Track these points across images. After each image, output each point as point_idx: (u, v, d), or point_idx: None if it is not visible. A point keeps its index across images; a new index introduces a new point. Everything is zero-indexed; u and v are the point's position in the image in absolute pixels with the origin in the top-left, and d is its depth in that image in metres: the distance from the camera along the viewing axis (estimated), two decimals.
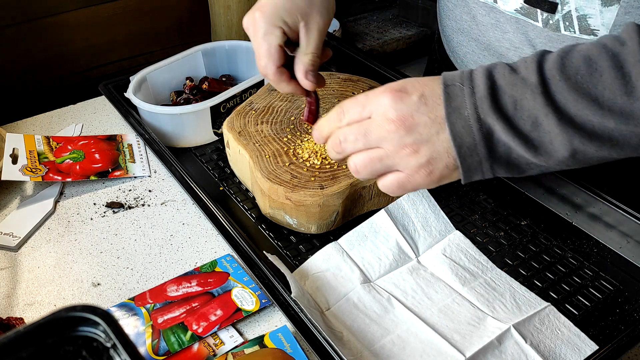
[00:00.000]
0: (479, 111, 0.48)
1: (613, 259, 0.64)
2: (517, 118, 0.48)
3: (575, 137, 0.47)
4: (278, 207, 0.65)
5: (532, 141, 0.48)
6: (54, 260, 0.65)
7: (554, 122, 0.47)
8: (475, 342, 0.53)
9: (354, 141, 0.52)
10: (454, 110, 0.49)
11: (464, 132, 0.49)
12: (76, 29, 1.20)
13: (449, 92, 0.49)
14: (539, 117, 0.47)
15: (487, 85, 0.49)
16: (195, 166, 0.78)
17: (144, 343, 0.55)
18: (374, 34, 1.73)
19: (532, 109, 0.47)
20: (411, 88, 0.51)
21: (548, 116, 0.47)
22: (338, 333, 0.55)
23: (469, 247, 0.63)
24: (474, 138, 0.49)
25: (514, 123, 0.48)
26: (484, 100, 0.48)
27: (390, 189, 0.53)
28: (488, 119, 0.48)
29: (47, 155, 0.77)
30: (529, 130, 0.48)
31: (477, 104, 0.49)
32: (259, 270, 0.58)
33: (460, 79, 0.50)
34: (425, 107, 0.50)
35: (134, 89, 0.81)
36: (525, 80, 0.48)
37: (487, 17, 0.71)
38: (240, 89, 0.81)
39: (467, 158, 0.49)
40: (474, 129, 0.49)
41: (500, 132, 0.48)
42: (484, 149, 0.49)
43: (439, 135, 0.49)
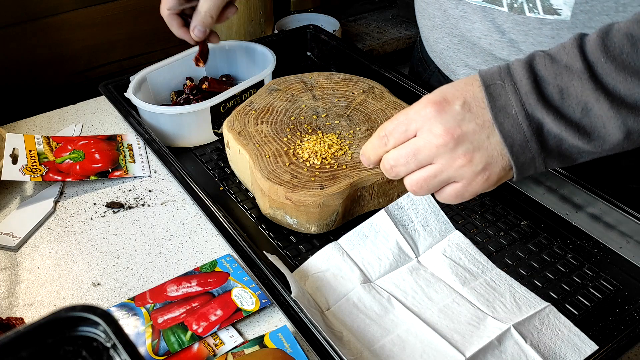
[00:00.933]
0: (526, 107, 0.47)
1: (613, 259, 0.64)
2: (565, 107, 0.47)
3: (629, 116, 0.46)
4: (278, 207, 0.65)
5: (584, 128, 0.47)
6: (54, 260, 0.65)
7: (606, 106, 0.46)
8: (475, 342, 0.53)
9: (405, 164, 0.51)
10: (500, 110, 0.48)
11: (513, 130, 0.48)
12: (76, 29, 1.20)
13: (491, 93, 0.48)
14: (588, 103, 0.46)
15: (529, 79, 0.48)
16: (195, 166, 0.78)
17: (144, 343, 0.55)
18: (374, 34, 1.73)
19: (580, 96, 0.46)
20: (451, 97, 0.49)
21: (599, 100, 0.46)
22: (338, 333, 0.55)
23: (469, 247, 0.63)
24: (524, 135, 0.48)
25: (563, 112, 0.47)
26: (529, 95, 0.47)
27: (449, 200, 0.52)
28: (537, 113, 0.47)
29: (47, 155, 0.77)
30: (579, 117, 0.47)
31: (523, 99, 0.47)
32: (259, 270, 0.58)
33: (499, 76, 0.49)
34: (470, 114, 0.49)
35: (134, 89, 0.81)
36: (569, 67, 0.47)
37: (456, 10, 0.72)
38: (240, 89, 0.81)
39: (520, 156, 0.48)
40: (523, 125, 0.47)
41: (550, 124, 0.47)
42: (536, 144, 0.48)
43: (490, 140, 0.48)
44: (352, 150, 0.68)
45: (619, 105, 0.46)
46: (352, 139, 0.70)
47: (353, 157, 0.67)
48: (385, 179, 0.65)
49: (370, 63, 0.90)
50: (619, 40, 0.46)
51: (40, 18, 1.15)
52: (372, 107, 0.76)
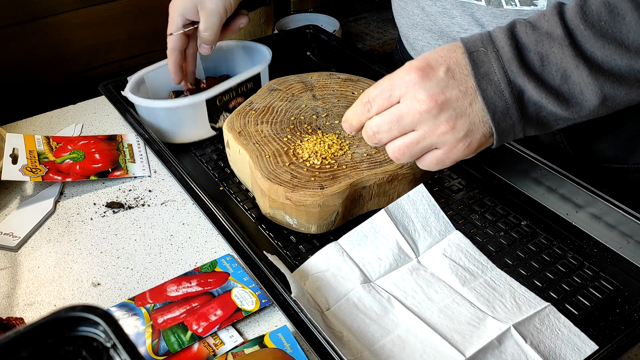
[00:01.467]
0: (509, 74, 0.48)
1: (613, 259, 0.64)
2: (545, 74, 0.47)
3: (606, 82, 0.47)
4: (278, 207, 0.65)
5: (562, 94, 0.48)
6: (54, 260, 0.65)
7: (585, 72, 0.46)
8: (475, 342, 0.53)
9: (388, 130, 0.51)
10: (483, 77, 0.48)
11: (495, 97, 0.48)
12: (76, 29, 1.20)
13: (474, 59, 0.48)
14: (568, 70, 0.47)
15: (511, 46, 0.48)
16: (195, 166, 0.78)
17: (144, 343, 0.55)
18: (374, 34, 1.73)
19: (560, 62, 0.47)
20: (435, 63, 0.49)
21: (579, 67, 0.46)
22: (338, 333, 0.55)
23: (469, 247, 0.63)
24: (506, 101, 0.48)
25: (544, 79, 0.47)
26: (511, 62, 0.47)
27: (430, 166, 0.53)
28: (518, 80, 0.47)
29: (47, 155, 0.77)
30: (558, 84, 0.47)
31: (506, 66, 0.48)
32: (259, 270, 0.58)
33: (482, 43, 0.49)
34: (454, 80, 0.49)
35: (132, 89, 0.81)
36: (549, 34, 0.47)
37: (435, 7, 0.73)
38: (236, 81, 0.81)
39: (501, 123, 0.49)
40: (505, 92, 0.48)
41: (531, 90, 0.47)
42: (517, 111, 0.48)
43: (472, 107, 0.49)
44: (352, 150, 0.68)
45: (596, 72, 0.47)
46: (352, 139, 0.70)
47: (353, 157, 0.67)
48: (385, 179, 0.65)
49: (370, 63, 0.90)
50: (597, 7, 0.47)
51: (40, 18, 1.15)
52: None
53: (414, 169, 0.67)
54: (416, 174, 0.67)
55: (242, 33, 1.32)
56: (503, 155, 0.73)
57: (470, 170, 0.76)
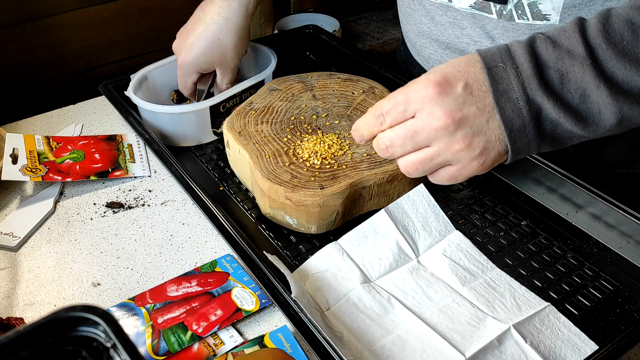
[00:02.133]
0: (528, 91, 0.47)
1: (613, 259, 0.64)
2: (564, 92, 0.47)
3: (625, 104, 0.46)
4: (278, 207, 0.65)
5: (580, 114, 0.47)
6: (54, 260, 0.65)
7: (604, 92, 0.46)
8: (475, 342, 0.53)
9: (402, 145, 0.50)
10: (501, 94, 0.47)
11: (513, 115, 0.47)
12: (76, 29, 1.20)
13: (493, 75, 0.47)
14: (587, 89, 0.46)
15: (531, 62, 0.47)
16: (195, 166, 0.78)
17: (144, 343, 0.55)
18: (374, 34, 1.73)
19: (580, 82, 0.46)
20: (453, 78, 0.48)
21: (599, 87, 0.46)
22: (338, 333, 0.55)
23: (469, 247, 0.63)
24: (523, 120, 0.47)
25: (562, 98, 0.47)
26: (531, 79, 0.47)
27: (441, 181, 0.52)
28: (537, 98, 0.47)
29: (47, 155, 0.77)
30: (577, 103, 0.47)
31: (525, 84, 0.47)
32: (259, 270, 0.58)
33: (500, 58, 0.48)
34: (472, 97, 0.48)
35: (134, 87, 0.81)
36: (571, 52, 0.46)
37: (445, 17, 0.72)
38: (240, 88, 0.81)
39: (517, 141, 0.48)
40: (523, 110, 0.47)
41: (549, 109, 0.47)
42: (533, 129, 0.48)
43: (489, 124, 0.48)
44: (352, 150, 0.68)
45: (616, 93, 0.46)
46: (352, 139, 0.70)
47: (353, 157, 0.67)
48: (385, 179, 0.65)
49: (370, 63, 0.90)
50: (619, 26, 0.46)
51: (40, 18, 1.15)
52: None
53: None
54: None
55: None
56: None
57: None
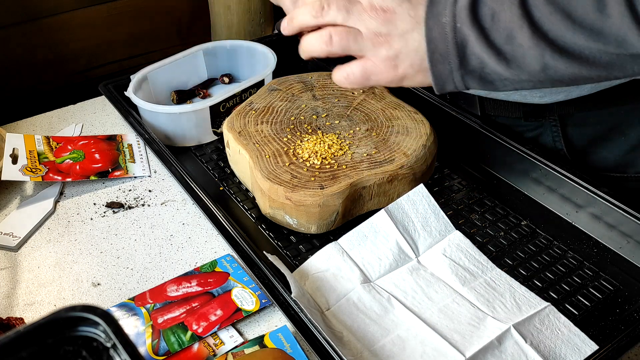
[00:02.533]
0: (457, 19, 0.49)
1: (613, 259, 0.64)
2: (493, 30, 0.48)
3: (547, 51, 0.47)
4: (278, 207, 0.65)
5: (504, 54, 0.49)
6: (54, 260, 0.65)
7: (527, 35, 0.47)
8: (475, 342, 0.53)
9: (336, 11, 0.53)
10: (433, 15, 0.50)
11: (439, 38, 0.50)
12: (76, 29, 1.20)
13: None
14: (514, 30, 0.48)
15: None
16: (195, 166, 0.78)
17: (144, 343, 0.55)
18: None
19: (508, 22, 0.48)
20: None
21: (522, 29, 0.47)
22: (338, 333, 0.55)
23: (469, 247, 0.63)
24: (447, 46, 0.49)
25: (489, 35, 0.48)
26: (462, 10, 0.49)
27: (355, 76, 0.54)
28: (464, 29, 0.49)
29: (47, 155, 0.77)
30: (502, 42, 0.48)
31: (456, 12, 0.49)
32: (259, 270, 0.58)
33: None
34: (409, 4, 0.51)
35: (134, 88, 0.81)
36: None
37: None
38: (240, 88, 0.81)
39: (438, 65, 0.50)
40: (448, 37, 0.49)
41: (474, 42, 0.49)
42: (456, 58, 0.50)
43: (412, 33, 0.51)
44: (352, 150, 0.68)
45: (539, 38, 0.47)
46: (352, 139, 0.70)
47: (353, 157, 0.67)
48: (385, 179, 0.65)
49: None
50: None
51: (40, 18, 1.15)
52: (372, 107, 0.76)
53: (414, 169, 0.67)
54: (416, 174, 0.67)
55: (242, 33, 1.32)
56: (503, 155, 0.73)
57: (470, 170, 0.76)
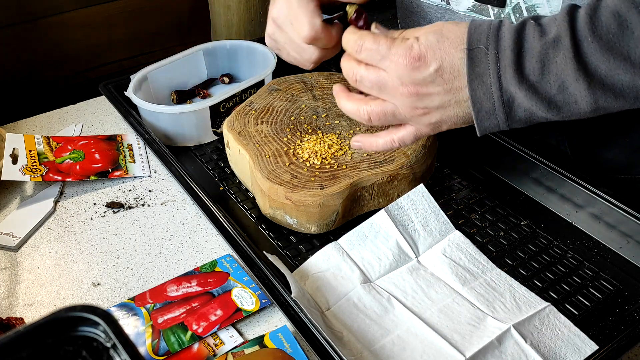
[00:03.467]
0: (502, 79, 0.48)
1: (613, 259, 0.64)
2: (543, 83, 0.47)
3: (602, 96, 0.47)
4: (278, 207, 0.65)
5: (555, 103, 0.48)
6: (54, 260, 0.65)
7: (583, 86, 0.46)
8: (475, 342, 0.53)
9: (369, 88, 0.53)
10: (476, 76, 0.49)
11: (484, 98, 0.49)
12: (76, 29, 1.20)
13: (472, 58, 0.49)
14: (566, 81, 0.47)
15: (513, 51, 0.48)
16: (195, 166, 0.78)
17: (144, 343, 0.55)
18: None
19: (560, 73, 0.47)
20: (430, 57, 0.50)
21: (578, 80, 0.46)
22: (338, 333, 0.55)
23: (469, 247, 0.63)
24: (493, 104, 0.49)
25: (539, 89, 0.48)
26: (507, 69, 0.48)
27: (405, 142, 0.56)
28: (510, 87, 0.48)
29: (47, 155, 0.77)
30: (554, 94, 0.48)
31: (501, 71, 0.48)
32: (259, 270, 0.58)
33: (486, 39, 0.49)
34: (441, 79, 0.50)
35: (134, 88, 0.81)
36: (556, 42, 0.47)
37: (443, 19, 0.72)
38: (240, 88, 0.81)
39: (485, 121, 0.50)
40: (494, 96, 0.49)
41: (522, 98, 0.48)
42: (503, 114, 0.49)
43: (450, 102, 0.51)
44: (352, 150, 0.68)
45: (595, 86, 0.46)
46: (352, 138, 0.70)
47: (353, 157, 0.67)
48: (385, 179, 0.65)
49: None
50: (607, 18, 0.46)
51: (40, 18, 1.15)
52: None
53: (414, 169, 0.67)
54: (416, 174, 0.67)
55: (242, 33, 1.32)
56: (503, 155, 0.73)
57: (470, 170, 0.76)
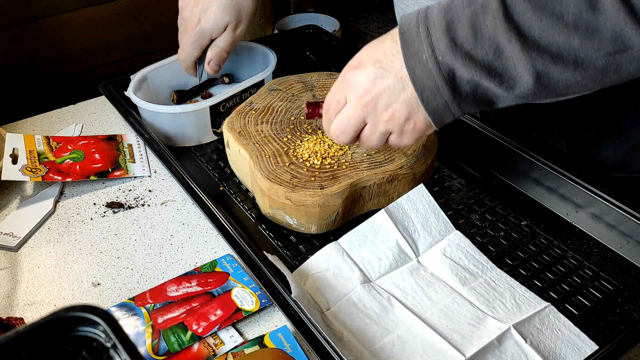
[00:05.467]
0: (436, 52, 0.47)
1: (613, 259, 0.64)
2: (478, 49, 0.47)
3: (539, 59, 0.45)
4: (278, 207, 0.65)
5: (495, 70, 0.47)
6: (54, 260, 0.65)
7: (517, 47, 0.45)
8: (475, 342, 0.53)
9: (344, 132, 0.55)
10: (412, 56, 0.48)
11: (424, 76, 0.48)
12: (76, 29, 1.20)
13: (405, 39, 0.49)
14: (500, 44, 0.46)
15: (442, 24, 0.47)
16: (195, 166, 0.78)
17: (144, 343, 0.55)
18: (374, 34, 1.73)
19: (493, 36, 0.46)
20: (364, 58, 0.52)
21: (511, 41, 0.45)
22: (338, 333, 0.55)
23: (469, 247, 0.63)
24: (434, 80, 0.48)
25: (475, 55, 0.47)
26: (439, 41, 0.47)
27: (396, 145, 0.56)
28: (447, 59, 0.47)
29: (47, 155, 0.77)
30: (491, 59, 0.46)
31: (434, 45, 0.47)
32: (259, 270, 0.58)
33: (416, 21, 0.49)
34: (382, 70, 0.50)
35: (134, 88, 0.81)
36: (484, 6, 0.46)
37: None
38: (240, 88, 0.81)
39: (431, 102, 0.49)
40: (433, 71, 0.48)
41: (461, 69, 0.47)
42: (447, 90, 0.48)
43: (405, 91, 0.50)
44: (352, 150, 0.68)
45: (530, 47, 0.45)
46: None
47: (353, 157, 0.67)
48: (385, 178, 0.65)
49: None
50: None
51: (40, 18, 1.15)
52: None
53: (414, 169, 0.67)
54: (416, 174, 0.67)
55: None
56: (503, 156, 0.73)
57: (470, 170, 0.76)
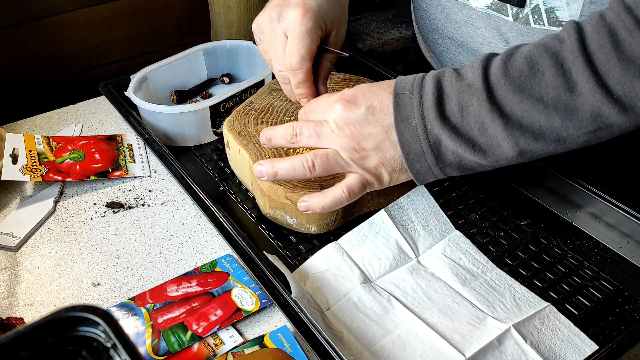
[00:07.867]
0: (426, 121, 0.51)
1: (613, 259, 0.64)
2: (464, 124, 0.50)
3: (521, 138, 0.49)
4: (278, 207, 0.65)
5: (480, 145, 0.50)
6: (54, 260, 0.65)
7: (500, 126, 0.49)
8: (475, 342, 0.53)
9: (307, 137, 0.56)
10: (402, 119, 0.52)
11: (411, 140, 0.52)
12: (76, 29, 1.20)
13: (398, 102, 0.52)
14: (485, 123, 0.49)
15: (434, 95, 0.51)
16: (195, 166, 0.78)
17: (144, 343, 0.55)
18: (374, 34, 1.73)
19: (478, 115, 0.49)
20: (361, 99, 0.54)
21: (494, 121, 0.49)
22: (338, 333, 0.55)
23: (469, 247, 0.63)
24: (421, 146, 0.52)
25: (461, 130, 0.50)
26: (430, 111, 0.50)
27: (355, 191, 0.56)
28: (434, 129, 0.51)
29: (47, 155, 0.77)
30: (476, 135, 0.50)
31: (424, 114, 0.51)
32: (259, 270, 0.58)
33: (411, 87, 0.52)
34: (373, 117, 0.53)
35: (134, 88, 0.81)
36: (470, 86, 0.50)
37: (460, 15, 0.72)
38: (240, 88, 0.81)
39: (415, 163, 0.53)
40: (421, 137, 0.51)
41: (447, 140, 0.51)
42: (432, 156, 0.52)
43: (384, 143, 0.53)
44: None
45: (512, 127, 0.49)
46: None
47: None
48: None
49: (370, 63, 0.90)
50: (520, 63, 0.49)
51: (40, 18, 1.15)
52: None
53: None
54: None
55: (242, 33, 1.32)
56: None
57: None
